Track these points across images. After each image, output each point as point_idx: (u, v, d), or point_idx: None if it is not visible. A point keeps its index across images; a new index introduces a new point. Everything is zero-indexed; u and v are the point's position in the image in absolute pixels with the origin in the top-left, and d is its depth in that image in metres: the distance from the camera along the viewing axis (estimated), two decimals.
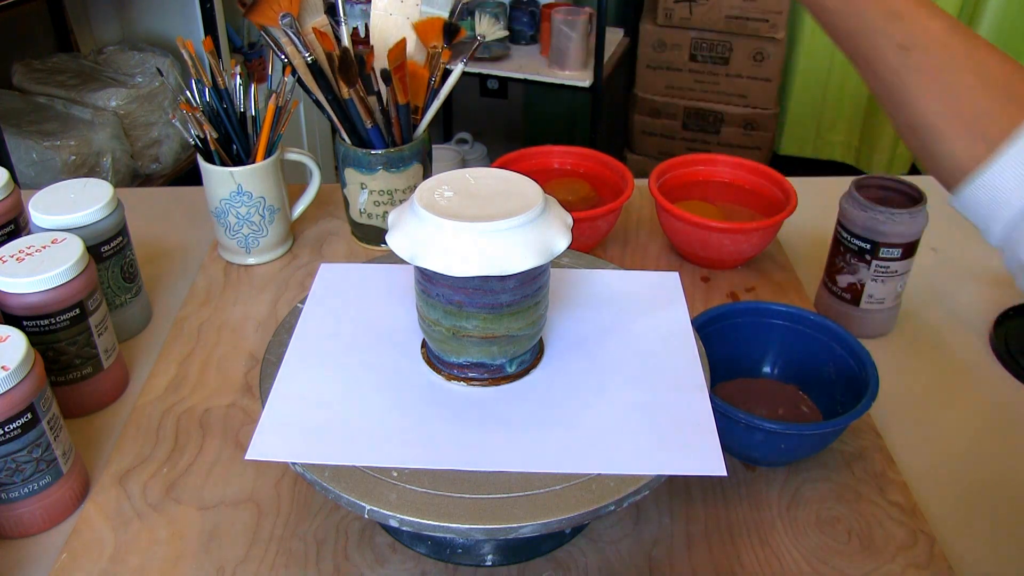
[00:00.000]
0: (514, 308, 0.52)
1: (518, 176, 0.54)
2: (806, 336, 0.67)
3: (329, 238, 0.91)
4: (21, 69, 1.71)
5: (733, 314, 0.68)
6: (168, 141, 1.78)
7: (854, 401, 0.60)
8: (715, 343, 0.64)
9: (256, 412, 0.66)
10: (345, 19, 0.79)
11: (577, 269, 0.66)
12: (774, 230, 0.82)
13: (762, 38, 2.29)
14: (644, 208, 0.96)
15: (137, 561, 0.56)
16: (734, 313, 0.68)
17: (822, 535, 0.58)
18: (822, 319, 0.67)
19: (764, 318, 0.68)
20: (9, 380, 0.53)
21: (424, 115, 0.83)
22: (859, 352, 0.63)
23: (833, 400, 0.65)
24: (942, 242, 0.91)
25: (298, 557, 0.56)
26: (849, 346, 0.64)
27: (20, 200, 0.75)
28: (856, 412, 0.58)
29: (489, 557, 0.56)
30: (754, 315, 0.68)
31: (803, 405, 0.67)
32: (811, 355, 0.67)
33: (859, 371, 0.63)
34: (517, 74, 2.17)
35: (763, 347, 0.69)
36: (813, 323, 0.67)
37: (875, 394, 0.59)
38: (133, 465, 0.63)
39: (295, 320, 0.61)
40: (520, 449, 0.50)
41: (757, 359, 0.70)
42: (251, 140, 0.83)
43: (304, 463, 0.49)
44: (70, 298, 0.63)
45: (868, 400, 0.59)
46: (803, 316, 0.67)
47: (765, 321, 0.68)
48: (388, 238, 0.51)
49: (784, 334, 0.68)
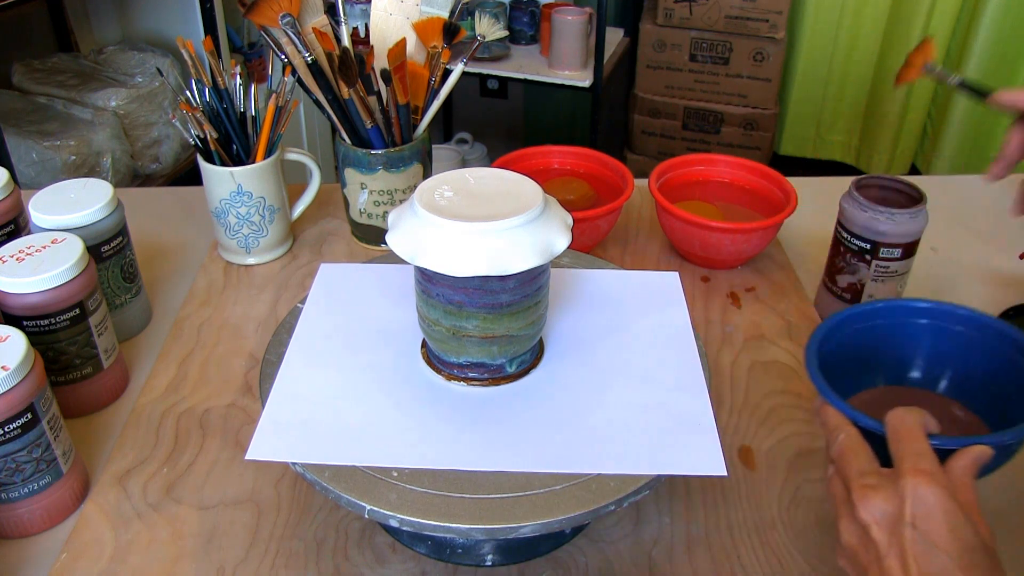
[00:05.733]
0: (514, 308, 0.52)
1: (518, 176, 0.54)
2: (972, 342, 0.58)
3: (329, 238, 0.91)
4: (21, 69, 1.71)
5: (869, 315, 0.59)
6: (168, 141, 1.78)
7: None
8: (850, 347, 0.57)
9: (256, 412, 0.66)
10: (345, 19, 0.79)
11: (577, 269, 0.66)
12: (774, 230, 0.82)
13: (762, 38, 2.29)
14: (644, 208, 0.96)
15: (137, 561, 0.56)
16: (870, 315, 0.59)
17: (822, 535, 0.58)
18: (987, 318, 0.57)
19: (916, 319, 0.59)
20: (9, 380, 0.52)
21: (424, 115, 0.83)
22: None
23: (1002, 413, 0.56)
24: (942, 242, 0.91)
25: (298, 557, 0.56)
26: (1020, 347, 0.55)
27: (20, 200, 0.75)
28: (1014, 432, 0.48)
29: (489, 557, 0.56)
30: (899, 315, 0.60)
31: (960, 415, 0.58)
32: (981, 365, 0.58)
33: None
34: (517, 74, 2.16)
35: (913, 352, 0.60)
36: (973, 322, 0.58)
37: None
38: (133, 465, 0.63)
39: (295, 320, 0.61)
40: (520, 449, 0.50)
41: (905, 366, 0.61)
42: (251, 140, 0.83)
43: (304, 463, 0.49)
44: (70, 298, 0.63)
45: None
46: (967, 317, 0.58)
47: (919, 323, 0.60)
48: (388, 238, 0.51)
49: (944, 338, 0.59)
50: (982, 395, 0.58)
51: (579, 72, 2.12)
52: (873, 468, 0.44)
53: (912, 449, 0.43)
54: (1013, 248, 0.88)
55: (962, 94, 0.73)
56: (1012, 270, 0.87)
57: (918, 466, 0.41)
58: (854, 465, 0.44)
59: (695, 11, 2.30)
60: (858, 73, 2.52)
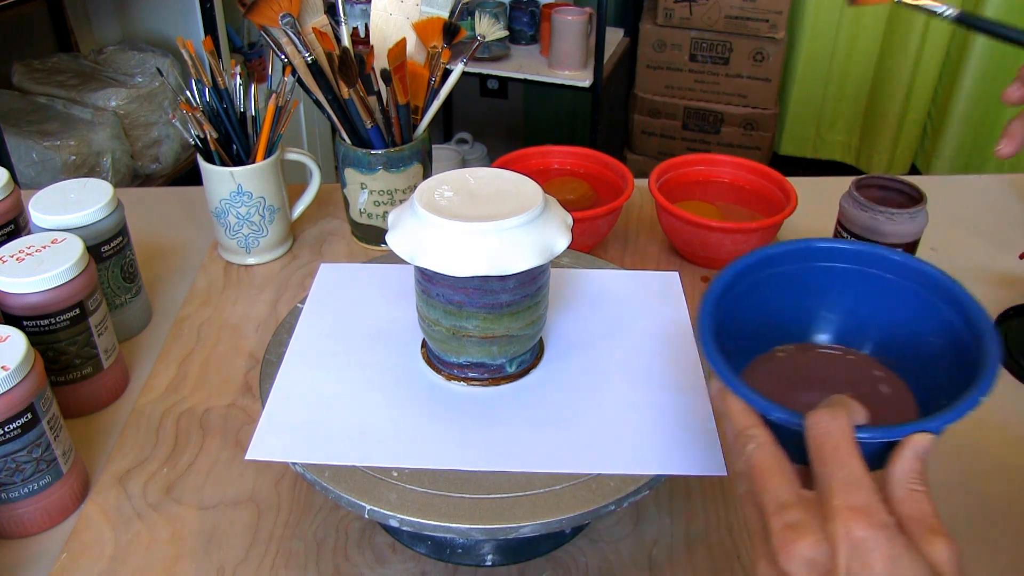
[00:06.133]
0: (514, 308, 0.52)
1: (518, 176, 0.54)
2: (894, 288, 0.48)
3: (329, 238, 0.91)
4: (21, 69, 1.71)
5: (777, 260, 0.49)
6: (168, 141, 1.78)
7: (961, 383, 0.41)
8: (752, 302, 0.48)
9: (256, 412, 0.66)
10: (345, 19, 0.79)
11: (577, 269, 0.66)
12: (774, 230, 0.82)
13: (762, 38, 2.29)
14: (644, 208, 0.96)
15: (137, 561, 0.56)
16: (778, 259, 0.49)
17: None
18: (921, 264, 0.47)
19: (823, 261, 0.49)
20: (9, 380, 0.52)
21: (424, 115, 0.83)
22: (975, 316, 0.44)
23: (931, 380, 0.46)
24: (942, 242, 0.91)
25: (298, 557, 0.56)
26: (959, 303, 0.45)
27: (20, 200, 0.75)
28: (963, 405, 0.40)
29: (489, 557, 0.56)
30: (806, 259, 0.49)
31: (883, 384, 0.48)
32: (902, 316, 0.48)
33: (971, 341, 0.44)
34: (517, 74, 2.17)
35: (826, 304, 0.50)
36: (905, 269, 0.48)
37: (990, 383, 0.41)
38: (133, 465, 0.63)
39: (295, 320, 0.61)
40: (520, 449, 0.50)
41: (814, 320, 0.51)
42: (251, 140, 0.83)
43: (304, 463, 0.49)
44: (70, 298, 0.63)
45: (982, 388, 0.40)
46: (888, 259, 0.48)
47: (825, 266, 0.49)
48: (388, 238, 0.51)
49: (859, 284, 0.49)
50: (906, 354, 0.48)
51: (579, 72, 2.12)
52: (794, 497, 0.36)
53: (842, 476, 0.35)
54: (1013, 248, 0.88)
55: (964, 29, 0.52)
56: (1012, 270, 0.87)
57: (851, 502, 0.34)
58: (771, 491, 0.37)
59: (695, 11, 2.30)
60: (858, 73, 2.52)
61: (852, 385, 0.48)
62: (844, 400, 0.38)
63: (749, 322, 0.48)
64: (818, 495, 0.36)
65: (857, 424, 0.38)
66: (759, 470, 0.38)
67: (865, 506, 0.34)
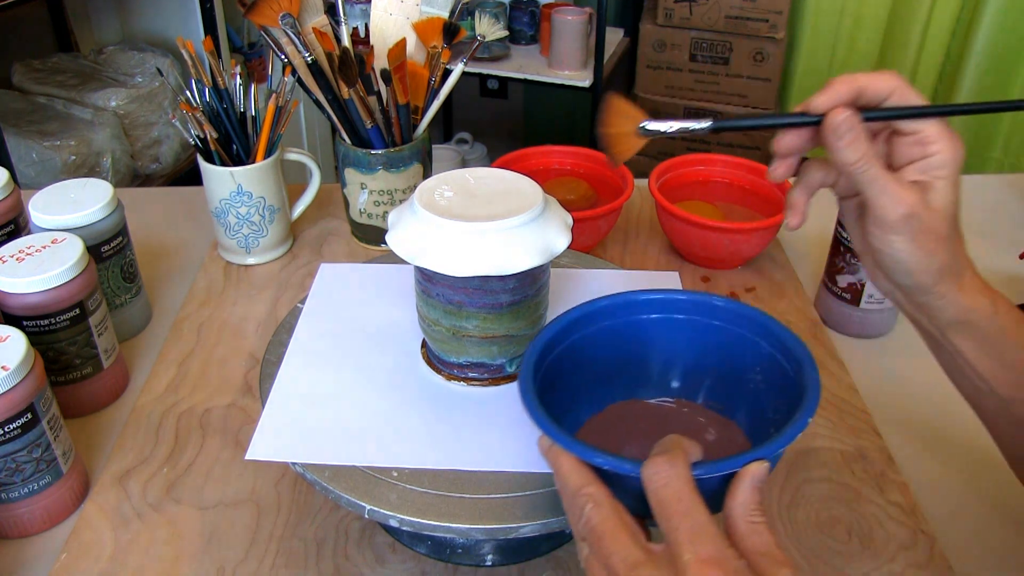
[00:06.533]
0: (514, 308, 0.52)
1: (518, 176, 0.54)
2: (718, 332, 0.49)
3: (329, 238, 0.91)
4: (21, 69, 1.71)
5: (599, 315, 0.49)
6: (168, 141, 1.78)
7: (789, 412, 0.42)
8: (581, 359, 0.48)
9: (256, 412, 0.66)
10: (345, 19, 0.79)
11: (577, 269, 0.66)
12: (774, 230, 0.82)
13: (762, 38, 2.29)
14: (644, 208, 0.96)
15: (137, 561, 0.56)
16: (599, 314, 0.49)
17: (822, 535, 0.58)
18: (740, 305, 0.49)
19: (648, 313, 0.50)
20: (9, 380, 0.52)
21: (424, 115, 0.83)
22: (791, 345, 0.46)
23: (760, 415, 0.48)
24: None
25: (298, 557, 0.56)
26: (778, 339, 0.47)
27: (20, 200, 0.75)
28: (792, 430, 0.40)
29: (489, 557, 0.56)
30: (628, 311, 0.49)
31: (714, 430, 0.50)
32: (729, 358, 0.49)
33: (793, 373, 0.45)
34: (517, 74, 2.17)
35: (657, 354, 0.51)
36: (727, 313, 0.49)
37: (815, 404, 0.42)
38: (133, 465, 0.63)
39: (295, 320, 0.61)
40: (520, 449, 0.50)
41: (648, 372, 0.51)
42: (251, 140, 0.83)
43: (304, 463, 0.49)
44: (70, 298, 0.63)
45: (808, 410, 0.41)
46: (711, 304, 0.49)
47: (653, 318, 0.50)
48: (388, 238, 0.51)
49: (688, 332, 0.50)
50: (736, 394, 0.50)
51: (579, 72, 2.12)
52: (644, 555, 0.36)
53: (687, 528, 0.35)
54: (1013, 248, 0.88)
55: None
56: (1012, 270, 0.87)
57: (701, 554, 0.34)
58: (618, 552, 0.36)
59: (695, 11, 2.30)
60: None
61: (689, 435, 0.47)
62: (678, 441, 0.38)
63: (580, 379, 0.49)
64: (667, 548, 0.35)
65: (693, 462, 0.38)
66: (601, 532, 0.37)
67: (715, 557, 0.34)
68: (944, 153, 0.45)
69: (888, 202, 0.44)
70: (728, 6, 2.26)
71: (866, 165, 0.44)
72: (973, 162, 2.42)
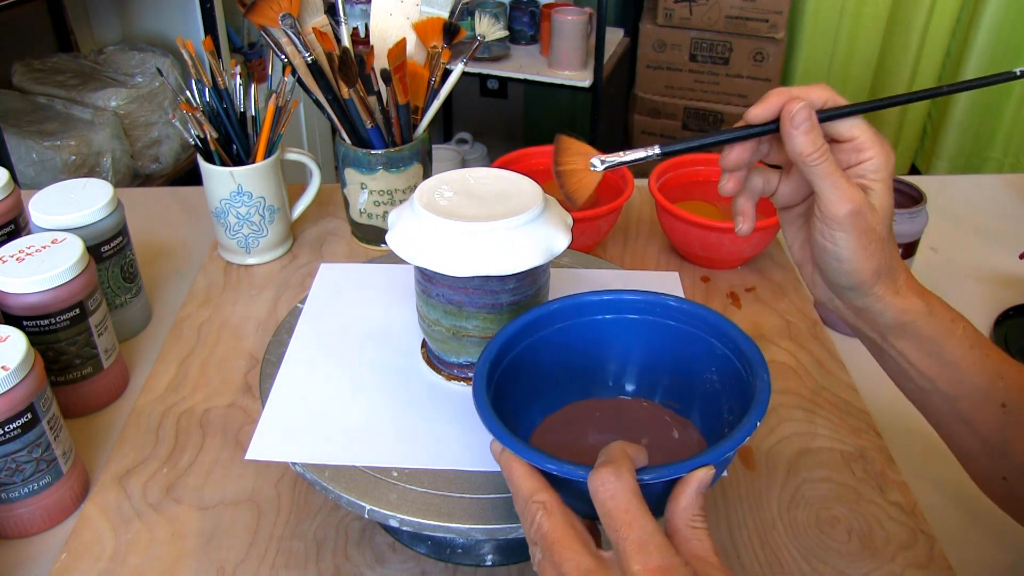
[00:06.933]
0: (514, 308, 0.52)
1: (518, 176, 0.54)
2: (672, 332, 0.50)
3: (329, 238, 0.91)
4: (21, 69, 1.71)
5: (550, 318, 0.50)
6: (168, 141, 1.78)
7: (742, 413, 0.43)
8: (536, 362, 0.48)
9: (256, 412, 0.66)
10: (345, 19, 0.79)
11: (577, 269, 0.66)
12: (774, 230, 0.82)
13: (762, 38, 2.29)
14: (644, 208, 0.96)
15: (137, 561, 0.56)
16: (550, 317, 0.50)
17: (822, 535, 0.58)
18: (694, 305, 0.49)
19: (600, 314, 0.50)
20: (9, 380, 0.53)
21: (424, 115, 0.83)
22: (744, 347, 0.46)
23: (716, 416, 0.48)
24: (942, 242, 0.91)
25: (298, 557, 0.56)
26: (731, 340, 0.47)
27: (20, 200, 0.75)
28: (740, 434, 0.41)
29: (489, 557, 0.56)
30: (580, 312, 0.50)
31: (675, 430, 0.50)
32: (685, 359, 0.49)
33: (747, 375, 0.45)
34: (517, 74, 2.17)
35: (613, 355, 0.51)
36: (681, 313, 0.49)
37: (764, 407, 0.42)
38: (133, 465, 0.63)
39: (295, 320, 0.61)
40: None
41: (604, 372, 0.52)
42: (251, 140, 0.83)
43: (304, 463, 0.49)
44: (70, 298, 0.63)
45: (756, 414, 0.42)
46: (665, 304, 0.49)
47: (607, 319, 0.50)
48: (388, 238, 0.51)
49: (643, 332, 0.50)
50: (692, 395, 0.50)
51: (579, 72, 2.12)
52: (595, 562, 0.37)
53: (635, 539, 0.36)
54: (1013, 248, 0.88)
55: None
56: (1012, 270, 0.87)
57: (648, 564, 0.35)
58: (571, 560, 0.37)
59: (695, 11, 2.30)
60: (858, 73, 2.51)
61: (644, 434, 0.49)
62: (622, 448, 0.39)
63: (537, 381, 0.49)
64: (617, 557, 0.37)
65: (639, 467, 0.39)
66: (553, 539, 0.38)
67: (663, 566, 0.35)
68: (878, 158, 0.47)
69: (838, 197, 0.45)
70: (728, 6, 2.26)
71: (821, 158, 0.45)
72: (973, 162, 2.42)
